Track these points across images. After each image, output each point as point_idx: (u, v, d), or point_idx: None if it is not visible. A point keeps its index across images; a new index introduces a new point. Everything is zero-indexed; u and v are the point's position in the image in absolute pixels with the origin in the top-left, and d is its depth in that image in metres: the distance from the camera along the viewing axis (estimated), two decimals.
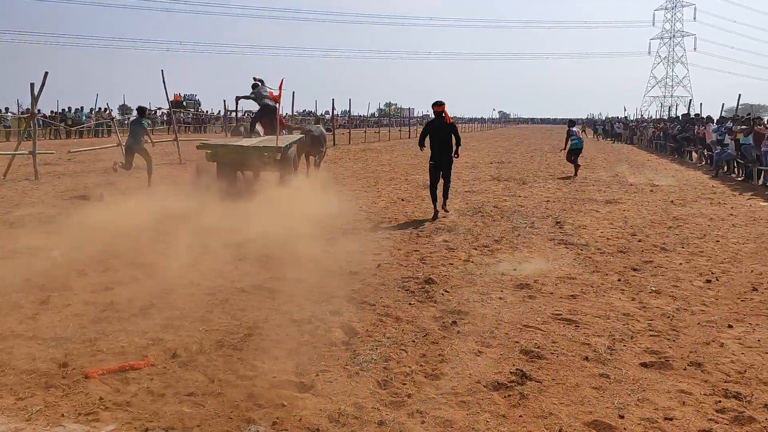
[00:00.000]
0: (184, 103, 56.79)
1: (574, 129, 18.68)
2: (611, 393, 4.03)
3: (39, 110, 22.71)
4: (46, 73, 14.62)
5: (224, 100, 24.36)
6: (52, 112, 39.28)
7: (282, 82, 11.45)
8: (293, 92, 32.18)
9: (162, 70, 20.03)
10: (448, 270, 6.89)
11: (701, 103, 49.70)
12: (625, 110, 65.63)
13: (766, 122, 18.14)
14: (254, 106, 14.17)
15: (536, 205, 11.95)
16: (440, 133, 10.99)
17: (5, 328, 4.85)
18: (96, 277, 6.21)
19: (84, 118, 38.00)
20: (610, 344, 4.82)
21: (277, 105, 12.80)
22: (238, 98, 14.51)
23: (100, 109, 39.66)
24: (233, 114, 22.06)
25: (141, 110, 13.57)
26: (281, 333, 4.90)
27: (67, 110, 39.75)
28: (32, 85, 14.56)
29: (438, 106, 11.04)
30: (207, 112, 52.30)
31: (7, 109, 37.06)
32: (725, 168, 18.95)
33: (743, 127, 17.96)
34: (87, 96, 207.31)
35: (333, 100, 36.97)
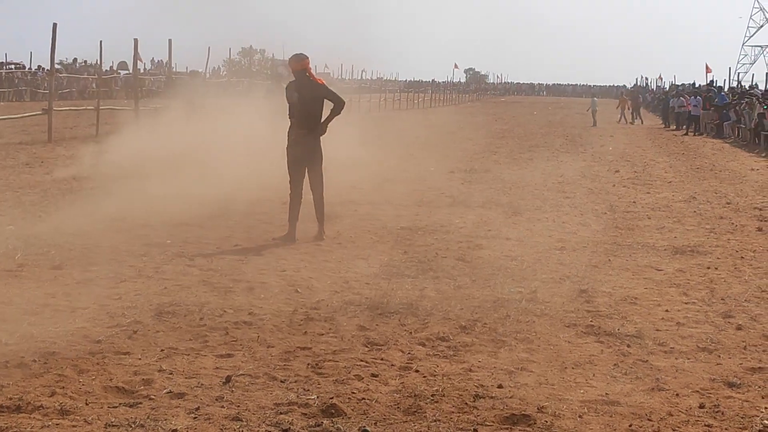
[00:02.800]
0: None
1: None
2: None
3: None
4: None
5: None
6: None
7: None
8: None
9: None
10: (370, 387, 6.85)
11: None
12: (708, 71, 68.08)
13: None
14: None
15: (541, 255, 12.21)
16: (303, 103, 12.66)
17: None
18: None
19: None
20: None
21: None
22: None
23: None
24: None
25: None
26: None
27: None
28: None
29: (297, 61, 12.73)
30: None
31: None
32: None
33: None
34: None
35: (136, 40, 36.35)
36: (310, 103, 12.62)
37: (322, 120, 12.77)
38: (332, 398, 6.53)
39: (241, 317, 8.69)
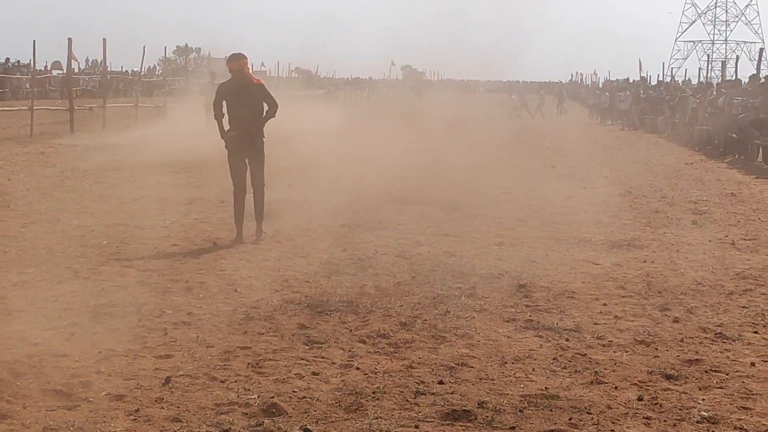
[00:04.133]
0: None
1: None
2: None
3: None
4: None
5: None
6: None
7: None
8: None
9: None
10: (310, 386, 6.85)
11: None
12: (641, 68, 68.94)
13: None
14: None
15: (480, 251, 12.26)
16: (243, 102, 12.76)
17: None
18: None
19: None
20: None
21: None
22: None
23: None
24: None
25: None
26: None
27: None
28: None
29: (235, 61, 12.85)
30: None
31: None
32: None
33: None
34: None
35: (70, 40, 36.20)
36: (247, 102, 12.61)
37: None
38: (273, 397, 6.52)
39: (180, 317, 8.64)
